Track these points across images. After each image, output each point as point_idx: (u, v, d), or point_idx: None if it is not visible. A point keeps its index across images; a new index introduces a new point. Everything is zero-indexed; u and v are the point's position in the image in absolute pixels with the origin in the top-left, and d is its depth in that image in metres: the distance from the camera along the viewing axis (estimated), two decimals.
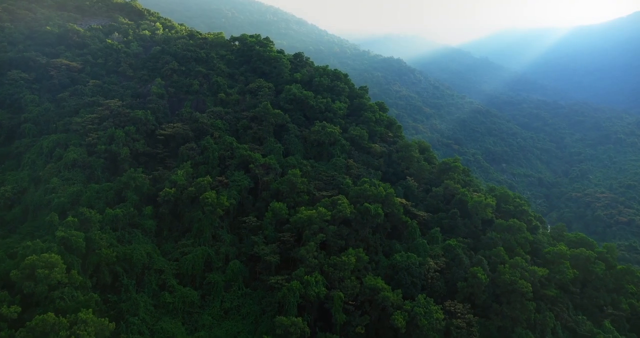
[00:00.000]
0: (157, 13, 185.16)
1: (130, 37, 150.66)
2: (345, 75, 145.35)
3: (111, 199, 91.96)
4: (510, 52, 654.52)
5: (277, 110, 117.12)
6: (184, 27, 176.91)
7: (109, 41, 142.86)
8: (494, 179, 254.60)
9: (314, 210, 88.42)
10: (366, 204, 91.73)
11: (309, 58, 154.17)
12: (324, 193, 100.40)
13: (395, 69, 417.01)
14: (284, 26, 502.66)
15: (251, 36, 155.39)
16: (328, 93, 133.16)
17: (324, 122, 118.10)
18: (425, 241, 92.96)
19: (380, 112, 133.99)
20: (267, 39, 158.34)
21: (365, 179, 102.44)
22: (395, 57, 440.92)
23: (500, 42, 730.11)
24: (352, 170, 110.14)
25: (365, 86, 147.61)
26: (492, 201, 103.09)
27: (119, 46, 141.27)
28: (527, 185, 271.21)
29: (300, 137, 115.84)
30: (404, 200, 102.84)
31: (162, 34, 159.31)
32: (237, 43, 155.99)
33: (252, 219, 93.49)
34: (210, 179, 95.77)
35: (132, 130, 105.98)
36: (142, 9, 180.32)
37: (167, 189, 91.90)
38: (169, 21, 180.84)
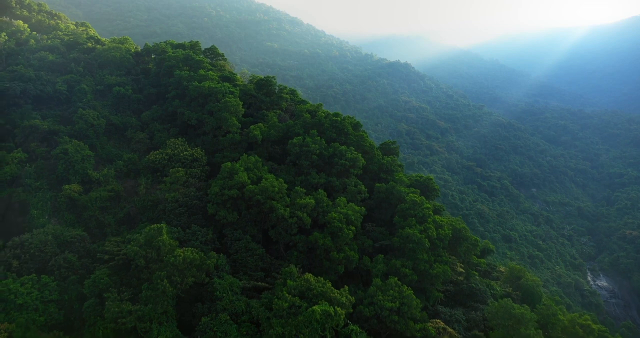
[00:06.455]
0: (44, 4, 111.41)
1: None
2: (356, 125, 72.15)
3: None
4: (521, 55, 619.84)
5: (188, 250, 44.67)
6: (81, 30, 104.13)
7: None
8: (527, 211, 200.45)
9: None
10: None
11: (285, 87, 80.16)
12: None
13: (403, 75, 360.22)
14: (275, 26, 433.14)
15: (178, 45, 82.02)
16: (322, 173, 61.13)
17: (309, 274, 45.94)
18: None
19: (434, 216, 61.04)
20: (211, 50, 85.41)
21: None
22: (400, 60, 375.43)
23: (509, 44, 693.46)
24: None
25: (395, 144, 73.83)
26: None
27: None
28: (565, 217, 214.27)
29: (244, 323, 43.71)
30: None
31: (24, 38, 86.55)
32: (153, 56, 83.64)
33: None
34: None
35: None
36: None
37: None
38: (56, 18, 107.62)
